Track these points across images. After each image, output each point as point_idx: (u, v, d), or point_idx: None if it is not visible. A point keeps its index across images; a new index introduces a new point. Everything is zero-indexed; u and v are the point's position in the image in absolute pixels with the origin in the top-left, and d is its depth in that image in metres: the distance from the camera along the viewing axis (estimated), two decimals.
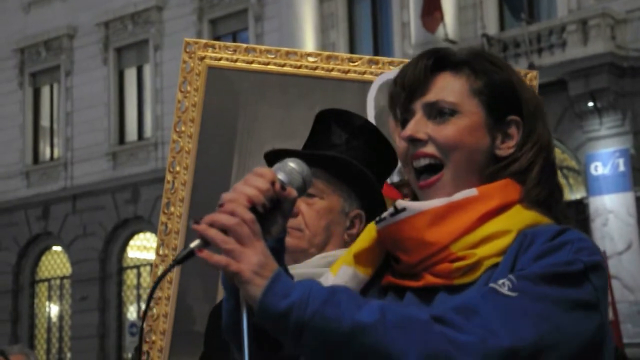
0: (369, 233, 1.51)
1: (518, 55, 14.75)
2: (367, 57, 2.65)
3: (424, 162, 1.47)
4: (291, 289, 1.26)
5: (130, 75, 20.42)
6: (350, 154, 2.00)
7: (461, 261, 1.40)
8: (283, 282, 1.27)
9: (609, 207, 13.76)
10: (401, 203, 1.45)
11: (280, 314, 1.24)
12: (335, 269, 1.54)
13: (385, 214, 1.46)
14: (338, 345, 1.24)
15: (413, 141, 1.47)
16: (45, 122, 21.61)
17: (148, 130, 19.79)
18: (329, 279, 1.53)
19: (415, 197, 1.54)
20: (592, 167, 14.08)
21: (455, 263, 1.40)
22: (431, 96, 1.48)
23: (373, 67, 2.62)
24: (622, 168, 13.86)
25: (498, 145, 1.48)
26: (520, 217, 1.42)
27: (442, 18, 15.33)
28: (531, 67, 14.29)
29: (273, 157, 2.03)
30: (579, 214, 13.96)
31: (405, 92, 1.49)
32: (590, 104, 14.13)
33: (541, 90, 2.83)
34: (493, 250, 1.39)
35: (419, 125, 1.47)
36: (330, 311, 1.24)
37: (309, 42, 17.36)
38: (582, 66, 13.98)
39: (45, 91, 21.67)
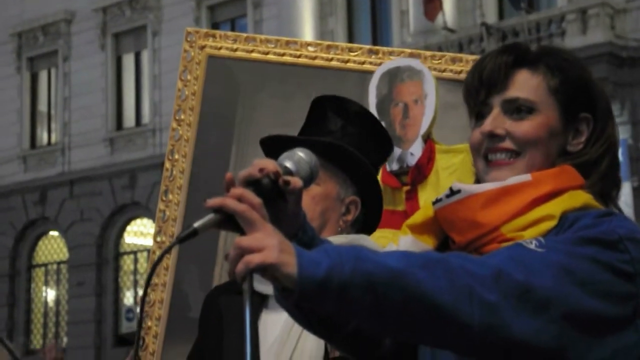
0: (425, 211, 1.57)
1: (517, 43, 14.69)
2: (367, 47, 2.66)
3: (500, 156, 1.52)
4: (319, 257, 1.26)
5: (128, 61, 20.37)
6: (346, 141, 2.00)
7: (509, 242, 1.43)
8: (307, 254, 1.27)
9: (618, 196, 13.74)
10: (457, 185, 1.50)
11: (321, 280, 1.24)
12: (396, 240, 1.59)
13: (441, 195, 1.52)
14: (381, 295, 1.26)
15: (491, 136, 1.51)
16: (42, 107, 21.57)
17: (146, 117, 19.77)
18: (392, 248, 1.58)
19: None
20: None
21: (504, 244, 1.44)
22: (511, 93, 1.52)
23: (373, 57, 2.63)
24: (619, 158, 13.86)
25: (570, 141, 1.54)
26: (570, 202, 1.47)
27: (441, 7, 15.29)
28: None
29: (269, 143, 2.03)
30: None
31: (484, 87, 1.53)
32: None
33: None
34: (538, 232, 1.44)
35: (497, 120, 1.52)
36: (365, 266, 1.26)
37: (307, 29, 17.31)
38: (581, 56, 13.92)
39: (42, 76, 21.62)
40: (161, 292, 2.49)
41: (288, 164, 1.43)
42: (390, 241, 2.21)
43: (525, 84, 1.52)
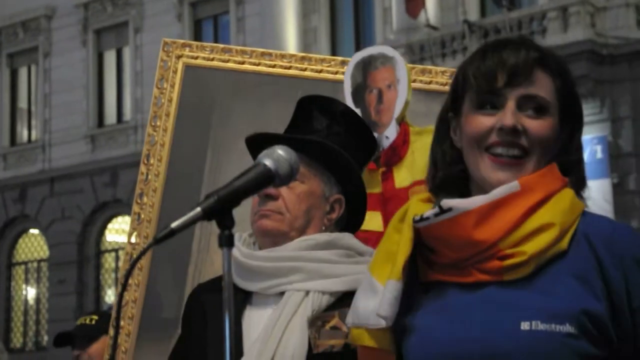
0: (405, 238, 1.52)
1: None
2: (340, 58, 2.73)
3: (512, 152, 1.49)
4: None
5: (110, 57, 20.28)
6: (331, 139, 2.01)
7: (511, 259, 1.44)
8: None
9: (586, 194, 13.85)
10: (447, 203, 1.47)
11: None
12: (382, 278, 1.54)
13: (428, 214, 1.48)
14: None
15: (513, 131, 1.48)
16: (22, 103, 21.43)
17: (127, 113, 19.69)
18: (376, 287, 1.54)
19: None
20: None
21: (505, 261, 1.44)
22: (533, 89, 1.50)
23: (345, 67, 2.69)
24: (599, 155, 13.96)
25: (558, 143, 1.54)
26: (562, 206, 1.47)
27: (424, 4, 15.34)
28: None
29: (254, 142, 2.03)
30: None
31: (506, 76, 1.49)
32: None
33: None
34: (541, 245, 1.44)
35: (515, 116, 1.49)
36: None
37: (290, 26, 17.30)
38: (562, 53, 13.99)
39: (22, 72, 21.47)
40: (134, 291, 2.52)
41: (267, 162, 1.45)
42: (366, 224, 2.23)
43: (544, 83, 1.51)
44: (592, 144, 14.08)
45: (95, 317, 3.69)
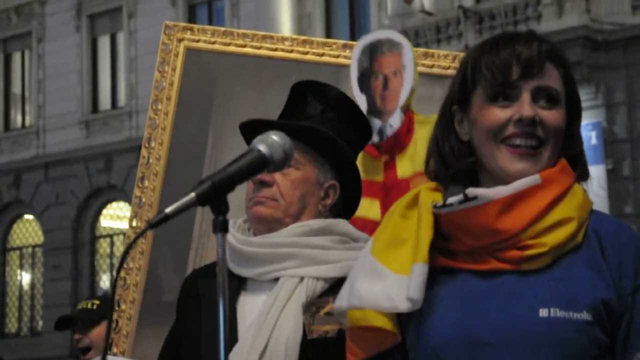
0: (426, 223, 1.53)
1: (493, 27, 14.76)
2: (342, 41, 2.74)
3: (530, 142, 1.51)
4: None
5: (104, 43, 20.19)
6: (325, 125, 2.00)
7: (531, 249, 1.47)
8: None
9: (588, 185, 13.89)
10: (473, 192, 1.49)
11: None
12: (391, 263, 1.55)
13: (452, 200, 1.50)
14: None
15: (529, 122, 1.50)
16: (16, 89, 21.34)
17: (122, 99, 19.63)
18: (383, 272, 1.55)
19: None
20: None
21: (526, 251, 1.47)
22: (546, 81, 1.53)
23: (347, 51, 2.69)
24: (594, 141, 13.99)
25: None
26: (576, 201, 1.52)
27: None
28: None
29: (248, 127, 2.03)
30: None
31: (521, 69, 1.52)
32: None
33: None
34: (561, 238, 1.48)
35: (532, 107, 1.51)
36: None
37: (284, 11, 17.23)
38: (557, 39, 14.01)
39: (16, 58, 21.36)
40: (136, 275, 2.52)
41: (262, 148, 1.44)
42: (367, 211, 2.24)
43: (555, 75, 1.54)
44: (586, 130, 14.10)
45: (97, 301, 3.70)
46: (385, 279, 1.54)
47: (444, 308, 1.52)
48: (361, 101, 2.62)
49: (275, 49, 2.69)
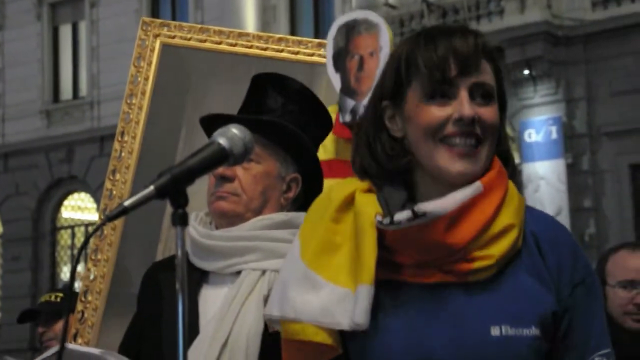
0: (371, 239, 1.46)
1: (457, 22, 14.85)
2: (317, 40, 2.73)
3: (470, 141, 1.47)
4: None
5: (65, 31, 19.93)
6: (286, 118, 2.00)
7: (479, 261, 1.44)
8: None
9: (540, 174, 14.09)
10: (421, 208, 1.43)
11: None
12: (326, 273, 1.49)
13: (399, 218, 1.44)
14: None
15: (469, 121, 1.46)
16: None
17: (83, 89, 19.40)
18: (318, 282, 1.49)
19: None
20: (525, 134, 14.37)
21: (474, 263, 1.45)
22: (483, 77, 1.49)
23: (322, 50, 2.69)
24: (554, 135, 14.17)
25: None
26: (514, 203, 1.49)
27: None
28: None
29: (209, 122, 2.04)
30: None
31: (458, 65, 1.47)
32: (526, 71, 14.37)
33: None
34: (505, 247, 1.46)
35: (471, 106, 1.47)
36: None
37: (249, 3, 17.14)
38: (519, 34, 14.18)
39: None
40: (103, 267, 2.53)
41: (221, 141, 1.44)
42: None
43: (488, 70, 1.50)
44: (547, 124, 14.29)
45: (61, 294, 3.69)
46: (321, 289, 1.47)
47: (392, 324, 1.47)
48: (335, 80, 2.61)
49: (251, 46, 2.70)
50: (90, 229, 18.11)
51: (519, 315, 1.45)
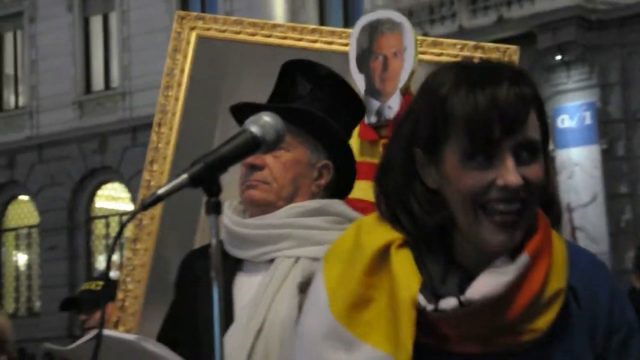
0: (409, 322, 1.33)
1: (487, 7, 14.74)
2: (350, 30, 2.71)
3: (515, 206, 1.32)
4: None
5: (96, 22, 20.07)
6: (315, 105, 1.99)
7: (526, 335, 1.35)
8: None
9: (575, 160, 13.96)
10: (468, 297, 1.32)
11: None
12: (361, 332, 1.37)
13: (444, 306, 1.32)
14: None
15: (515, 189, 1.31)
16: (9, 69, 21.23)
17: (115, 80, 19.55)
18: (352, 341, 1.36)
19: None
20: (559, 120, 14.24)
21: (523, 337, 1.35)
22: (529, 134, 1.32)
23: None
24: (588, 121, 14.03)
25: None
26: (559, 260, 1.38)
27: None
28: (500, 20, 14.31)
29: (239, 111, 2.03)
30: None
31: (502, 124, 1.30)
32: (558, 57, 14.22)
33: (510, 43, 2.85)
34: (552, 317, 1.36)
35: (517, 171, 1.31)
36: None
37: None
38: (551, 19, 14.02)
39: (8, 38, 21.24)
40: (143, 256, 2.56)
41: (253, 129, 1.44)
42: (367, 193, 2.29)
43: (534, 122, 1.34)
44: (580, 110, 14.14)
45: (100, 282, 3.74)
46: (357, 350, 1.36)
47: None
48: (359, 82, 2.60)
49: (285, 38, 2.70)
50: (124, 218, 18.28)
51: None
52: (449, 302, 1.32)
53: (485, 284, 1.32)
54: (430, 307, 1.33)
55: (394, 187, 1.39)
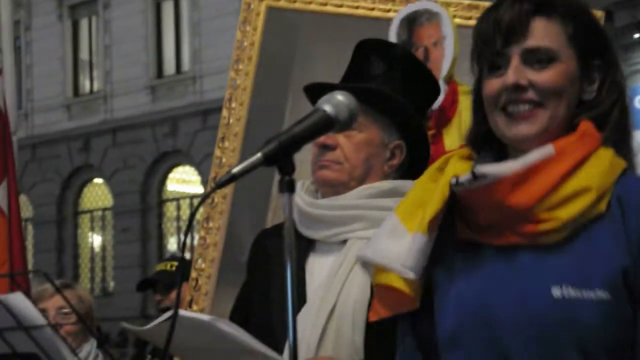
0: (439, 196, 1.51)
1: None
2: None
3: (523, 108, 1.49)
4: None
5: (168, 8, 20.34)
6: (388, 85, 1.99)
7: (545, 223, 1.44)
8: None
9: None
10: (480, 170, 1.46)
11: None
12: (409, 224, 1.55)
13: (462, 179, 1.48)
14: None
15: (515, 88, 1.48)
16: (84, 55, 21.70)
17: (186, 64, 19.79)
18: (402, 232, 1.55)
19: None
20: (636, 100, 13.82)
21: (540, 225, 1.44)
22: (532, 42, 1.50)
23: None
24: (638, 105, 13.59)
25: (585, 88, 1.53)
26: (600, 168, 1.46)
27: None
28: None
29: (313, 91, 2.03)
30: None
31: (502, 36, 1.50)
32: (637, 35, 13.81)
33: None
34: (576, 210, 1.43)
35: (518, 72, 1.49)
36: None
37: None
38: (604, 2, 13.59)
39: (84, 24, 21.70)
40: (215, 235, 2.56)
41: (327, 108, 1.44)
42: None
43: (546, 32, 1.49)
44: (632, 93, 13.71)
45: (175, 263, 3.79)
46: (402, 238, 1.54)
47: (464, 284, 1.51)
48: None
49: (357, 7, 2.68)
50: (195, 201, 18.55)
51: (584, 277, 1.42)
52: (466, 176, 1.48)
53: (502, 165, 1.47)
54: (453, 181, 1.49)
55: (473, 105, 1.60)
